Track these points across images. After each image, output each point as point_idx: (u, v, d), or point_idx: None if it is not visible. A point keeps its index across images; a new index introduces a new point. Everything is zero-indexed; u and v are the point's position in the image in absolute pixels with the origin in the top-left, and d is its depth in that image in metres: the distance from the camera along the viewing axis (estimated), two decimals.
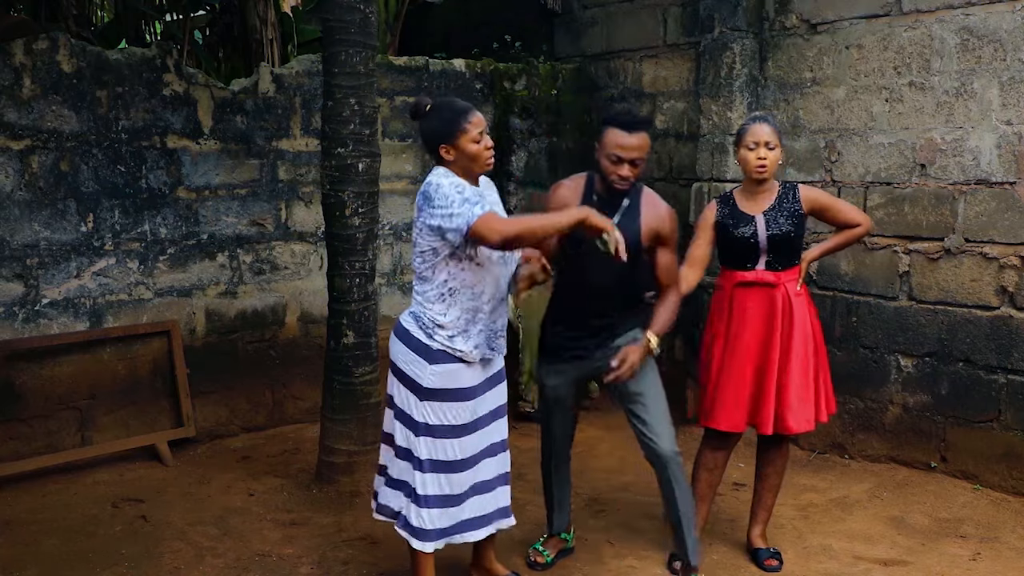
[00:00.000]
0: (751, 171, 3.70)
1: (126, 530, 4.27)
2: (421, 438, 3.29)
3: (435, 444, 3.29)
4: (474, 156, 3.23)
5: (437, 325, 3.27)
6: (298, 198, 5.75)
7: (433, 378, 3.26)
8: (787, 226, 3.68)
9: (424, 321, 3.29)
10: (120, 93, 5.07)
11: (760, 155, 3.66)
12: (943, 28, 4.75)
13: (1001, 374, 4.66)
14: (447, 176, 3.22)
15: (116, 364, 5.18)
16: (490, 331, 3.34)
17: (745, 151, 3.70)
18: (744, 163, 3.73)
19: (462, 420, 3.31)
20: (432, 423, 3.29)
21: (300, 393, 5.79)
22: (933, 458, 4.94)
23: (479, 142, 3.22)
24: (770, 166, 3.68)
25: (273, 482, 4.85)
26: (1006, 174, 4.57)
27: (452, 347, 3.26)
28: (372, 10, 4.60)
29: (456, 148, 3.22)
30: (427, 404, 3.28)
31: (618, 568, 3.87)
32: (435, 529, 3.32)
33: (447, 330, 3.26)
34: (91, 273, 5.06)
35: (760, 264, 3.71)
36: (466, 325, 3.27)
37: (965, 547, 4.10)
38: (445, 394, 3.28)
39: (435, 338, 3.27)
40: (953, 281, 4.81)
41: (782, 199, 3.73)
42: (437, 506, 3.31)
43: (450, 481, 3.31)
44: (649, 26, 6.31)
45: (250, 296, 5.64)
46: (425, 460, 3.29)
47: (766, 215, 3.70)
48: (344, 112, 4.54)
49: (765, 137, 3.66)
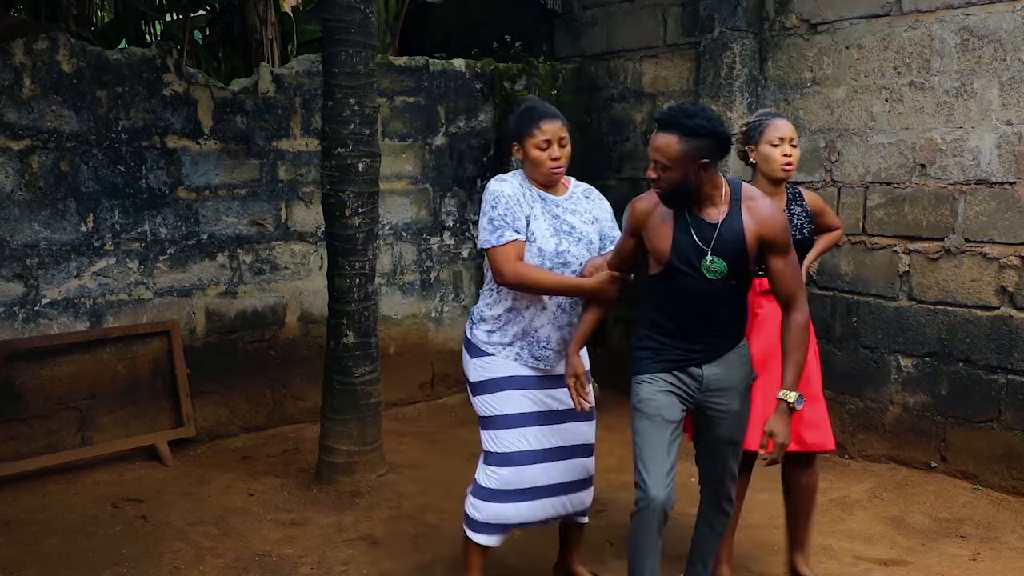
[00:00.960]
0: (776, 169, 3.42)
1: (126, 530, 4.27)
2: (485, 432, 3.34)
3: (490, 436, 3.31)
4: (535, 162, 3.24)
5: (482, 318, 3.35)
6: (298, 198, 5.75)
7: (476, 371, 3.33)
8: (807, 229, 3.51)
9: (474, 313, 3.40)
10: (120, 93, 5.07)
11: (786, 152, 3.42)
12: (943, 28, 4.75)
13: (1001, 374, 4.66)
14: (500, 182, 3.27)
15: (116, 364, 5.18)
16: (531, 338, 3.29)
17: (768, 148, 3.43)
18: (767, 161, 3.43)
19: (512, 410, 3.28)
20: (485, 415, 3.32)
21: (300, 393, 5.79)
22: (933, 458, 4.94)
23: (544, 150, 3.21)
24: (796, 164, 3.46)
25: (273, 482, 4.85)
26: (1006, 174, 4.57)
27: (487, 341, 3.31)
28: (372, 10, 4.60)
29: (523, 149, 3.26)
30: (479, 398, 3.34)
31: (618, 568, 3.86)
32: (484, 523, 3.30)
33: (488, 324, 3.33)
34: (91, 273, 5.05)
35: None
36: (505, 324, 3.30)
37: (965, 547, 4.09)
38: (490, 385, 3.30)
39: (476, 332, 3.34)
40: (953, 281, 4.81)
41: (792, 202, 3.54)
42: (490, 499, 3.29)
43: (503, 475, 3.28)
44: (649, 26, 6.31)
45: (250, 296, 5.64)
46: (487, 452, 3.33)
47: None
48: (344, 112, 4.54)
49: (790, 133, 3.44)
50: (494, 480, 3.28)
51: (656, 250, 2.99)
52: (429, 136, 6.23)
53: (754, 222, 2.93)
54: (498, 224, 3.17)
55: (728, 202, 2.96)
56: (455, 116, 6.33)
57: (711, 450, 3.17)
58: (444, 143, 6.29)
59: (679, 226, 2.94)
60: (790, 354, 2.99)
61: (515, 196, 3.22)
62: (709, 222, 2.93)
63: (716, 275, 2.91)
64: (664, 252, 2.96)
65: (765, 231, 2.93)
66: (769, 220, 2.94)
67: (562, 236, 3.25)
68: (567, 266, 3.24)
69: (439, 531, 4.17)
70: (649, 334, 3.10)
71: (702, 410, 3.09)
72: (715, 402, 3.06)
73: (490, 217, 3.19)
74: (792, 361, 2.98)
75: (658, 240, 2.97)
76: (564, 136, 3.23)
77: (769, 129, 3.44)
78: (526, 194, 3.26)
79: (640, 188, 6.40)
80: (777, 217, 2.97)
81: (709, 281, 2.92)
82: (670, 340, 3.04)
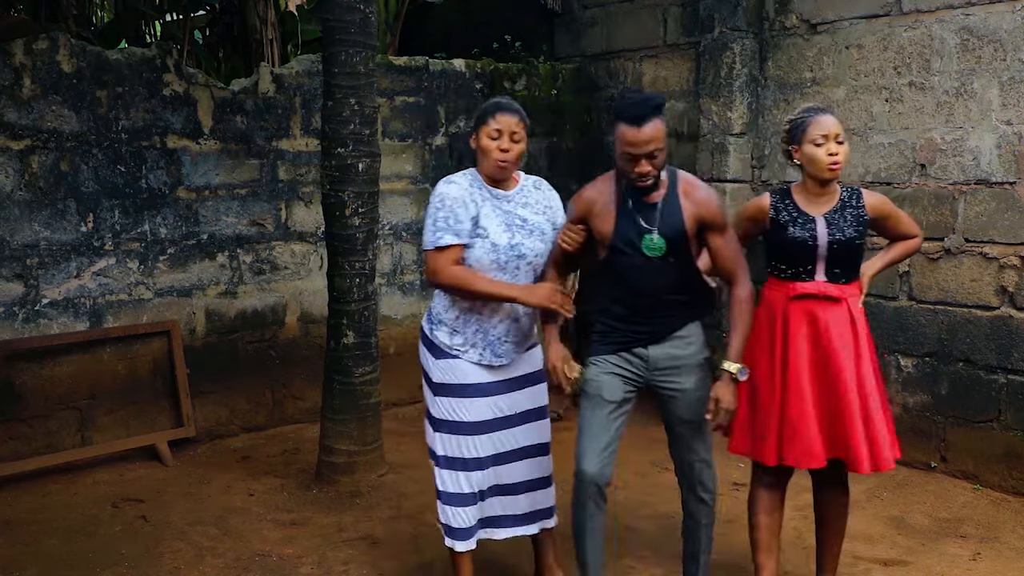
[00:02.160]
0: (822, 170, 3.20)
1: (126, 530, 4.27)
2: (437, 434, 3.35)
3: (449, 440, 3.32)
4: (484, 150, 3.23)
5: (440, 320, 3.34)
6: (298, 198, 5.75)
7: (439, 372, 3.33)
8: (851, 232, 3.22)
9: (432, 314, 3.39)
10: (120, 93, 5.07)
11: (831, 150, 3.19)
12: (943, 28, 4.75)
13: (1001, 374, 4.66)
14: (448, 184, 3.27)
15: (116, 364, 5.18)
16: (492, 336, 3.32)
17: (812, 147, 3.20)
18: (812, 161, 3.21)
19: (475, 417, 3.31)
20: (445, 419, 3.33)
21: (300, 393, 5.79)
22: (933, 458, 4.94)
23: (494, 139, 3.20)
24: (844, 162, 3.23)
25: (273, 482, 4.85)
26: (1006, 174, 4.57)
27: (450, 344, 3.32)
28: (372, 10, 4.60)
29: (477, 139, 3.26)
30: (440, 400, 3.33)
31: (616, 568, 3.86)
32: (460, 528, 3.35)
33: (447, 325, 3.33)
34: (91, 273, 5.05)
35: (819, 274, 3.24)
36: (463, 326, 3.30)
37: (965, 547, 4.09)
38: (453, 389, 3.31)
39: (436, 333, 3.34)
40: (953, 281, 4.80)
41: (846, 203, 3.27)
42: (458, 504, 3.33)
43: (469, 480, 3.32)
44: (649, 26, 6.31)
45: (250, 296, 5.64)
46: (441, 456, 3.34)
47: (828, 218, 3.23)
48: (344, 112, 4.54)
49: (835, 129, 3.19)
50: (455, 483, 3.32)
51: (601, 234, 3.15)
52: (429, 136, 6.22)
53: (692, 204, 3.11)
54: (440, 226, 3.18)
55: (666, 186, 3.13)
56: (455, 116, 6.33)
57: (673, 433, 3.27)
58: (444, 143, 6.29)
59: (622, 209, 3.12)
60: (735, 327, 3.15)
61: (461, 198, 3.21)
62: (649, 203, 3.11)
63: (656, 253, 3.09)
64: (608, 234, 3.13)
65: (702, 211, 3.11)
66: (706, 201, 3.13)
67: (514, 230, 3.27)
68: (522, 258, 3.27)
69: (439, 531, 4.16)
70: (599, 319, 3.24)
71: (655, 390, 3.23)
72: (665, 381, 3.19)
73: (434, 219, 3.20)
74: (737, 334, 3.14)
75: (603, 224, 3.14)
76: (517, 132, 3.21)
77: (812, 127, 3.21)
78: (474, 193, 3.25)
79: None
80: (713, 199, 3.17)
81: (650, 260, 3.09)
82: (617, 323, 3.19)
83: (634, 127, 2.98)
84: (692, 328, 3.21)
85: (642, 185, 3.06)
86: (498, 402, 3.35)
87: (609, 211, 3.14)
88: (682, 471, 3.31)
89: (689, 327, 3.20)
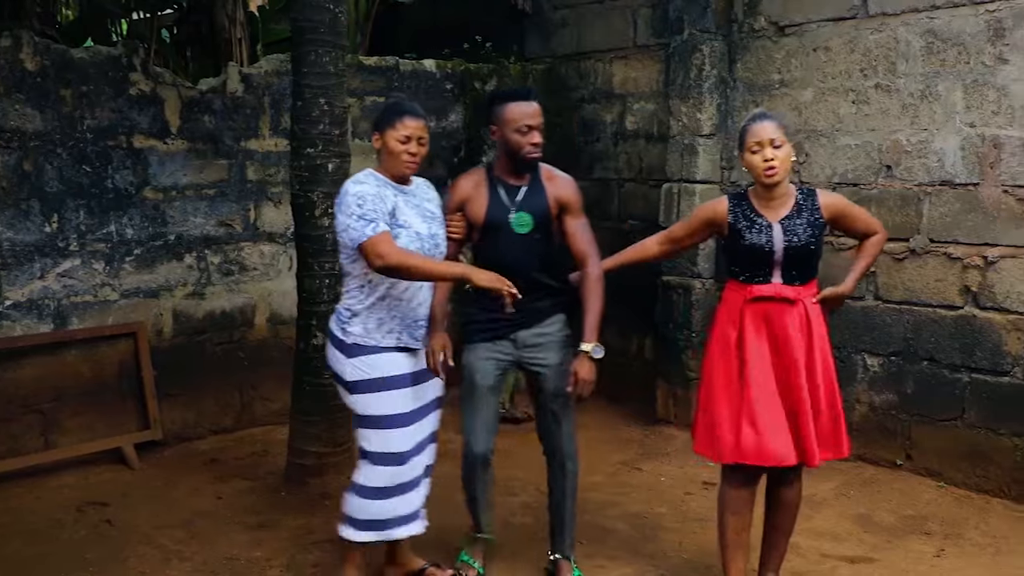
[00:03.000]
0: (760, 176, 3.28)
1: (91, 534, 4.21)
2: (359, 430, 3.41)
3: (370, 435, 3.38)
4: (392, 153, 3.33)
5: (353, 314, 3.36)
6: (267, 198, 5.71)
7: (352, 370, 3.35)
8: (807, 237, 3.28)
9: (342, 314, 3.40)
10: (85, 92, 5.01)
11: (766, 156, 3.24)
12: (908, 31, 4.81)
13: (964, 373, 4.72)
14: (358, 184, 3.31)
15: (81, 366, 5.11)
16: (410, 320, 3.38)
17: (749, 155, 3.28)
18: (751, 168, 3.30)
19: (393, 410, 3.35)
20: (364, 414, 3.37)
21: (269, 395, 5.75)
22: (899, 456, 5.00)
23: (403, 143, 3.31)
24: (780, 167, 3.25)
25: (241, 484, 4.82)
26: (970, 175, 4.64)
27: (367, 335, 3.34)
28: (342, 10, 4.58)
29: (383, 140, 3.34)
30: (357, 397, 3.37)
31: (588, 568, 3.87)
32: (371, 520, 3.41)
33: (361, 317, 3.34)
34: (56, 274, 4.99)
35: (775, 277, 3.31)
36: (381, 313, 3.34)
37: (929, 544, 4.15)
38: (370, 384, 3.34)
39: (349, 331, 3.36)
40: (918, 281, 4.86)
41: (801, 206, 3.33)
42: (372, 497, 3.39)
43: (387, 473, 3.38)
44: (619, 27, 6.33)
45: (218, 297, 5.59)
46: (372, 452, 3.38)
47: (783, 223, 3.29)
48: (314, 112, 4.51)
49: (769, 135, 3.25)
50: (382, 478, 3.37)
51: (475, 216, 3.53)
52: None
53: (554, 187, 3.57)
54: (370, 217, 3.21)
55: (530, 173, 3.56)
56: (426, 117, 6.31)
57: (545, 409, 3.62)
58: None
59: (492, 192, 3.54)
60: (588, 304, 3.49)
61: (377, 194, 3.28)
62: (516, 185, 3.54)
63: (524, 229, 3.49)
64: (481, 216, 3.51)
65: (563, 193, 3.56)
66: (566, 185, 3.60)
67: (429, 221, 3.41)
68: (437, 247, 3.40)
69: None
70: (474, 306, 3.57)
71: (525, 367, 3.63)
72: (532, 357, 3.58)
73: (359, 215, 3.22)
74: (591, 310, 3.48)
75: (478, 207, 3.53)
76: (424, 136, 3.37)
77: (748, 135, 3.31)
78: (384, 191, 3.32)
79: (612, 189, 6.43)
80: (572, 185, 3.63)
81: (519, 235, 3.49)
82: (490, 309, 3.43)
83: (525, 101, 3.46)
84: (555, 309, 3.60)
85: (533, 157, 3.48)
86: (412, 393, 3.41)
87: (482, 196, 3.53)
88: (551, 445, 3.66)
89: (553, 307, 3.59)
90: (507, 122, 3.46)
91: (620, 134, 6.39)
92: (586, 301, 3.50)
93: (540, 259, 3.53)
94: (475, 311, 3.59)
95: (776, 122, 3.31)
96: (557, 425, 3.62)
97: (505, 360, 3.59)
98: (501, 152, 3.56)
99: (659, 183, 5.90)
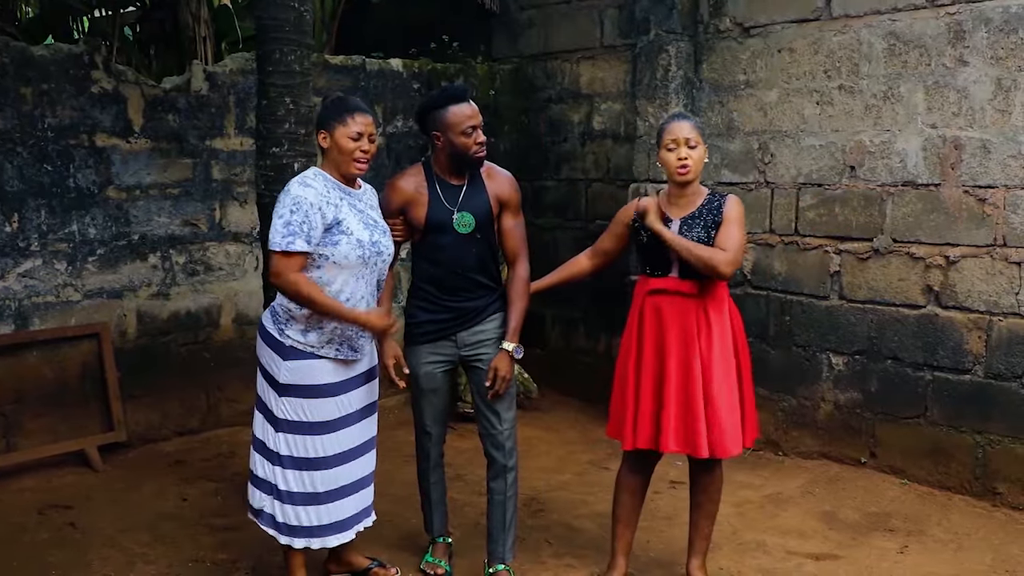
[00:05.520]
0: (673, 173, 3.37)
1: (54, 537, 4.16)
2: (280, 434, 3.33)
3: (296, 441, 3.31)
4: (343, 151, 3.25)
5: (292, 318, 3.27)
6: (232, 198, 5.67)
7: (287, 374, 3.28)
8: (701, 235, 3.36)
9: (279, 315, 3.31)
10: (46, 90, 4.93)
11: (681, 155, 3.33)
12: (871, 33, 4.86)
13: (927, 371, 4.79)
14: (304, 187, 3.21)
15: (43, 367, 5.04)
16: (348, 331, 3.30)
17: (664, 152, 3.38)
18: (665, 165, 3.40)
19: (323, 417, 3.31)
20: (292, 419, 3.31)
21: (235, 396, 5.70)
22: (863, 454, 5.06)
23: (355, 140, 3.23)
24: (693, 166, 3.34)
25: (207, 487, 4.77)
26: (931, 176, 4.70)
27: (305, 342, 3.27)
28: (308, 8, 4.54)
29: (331, 138, 3.25)
30: (285, 400, 3.30)
31: (556, 567, 3.88)
32: (301, 526, 3.36)
33: (300, 323, 3.26)
34: (16, 274, 4.91)
35: (673, 271, 3.41)
36: (320, 321, 3.25)
37: (893, 540, 4.20)
38: (302, 390, 3.28)
39: (287, 333, 3.28)
40: (882, 280, 4.92)
41: (705, 208, 3.41)
42: (302, 503, 3.34)
43: (313, 479, 3.33)
44: (586, 27, 6.35)
45: (183, 297, 5.54)
46: (285, 456, 3.33)
47: (683, 221, 3.40)
48: (279, 111, 4.47)
49: (685, 134, 3.33)
50: (305, 483, 3.32)
51: (417, 217, 3.52)
52: None
53: (495, 184, 3.57)
54: (293, 230, 3.13)
55: None
56: (392, 116, 6.30)
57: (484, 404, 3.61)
58: (382, 143, 6.24)
59: (433, 192, 3.52)
60: (514, 304, 3.56)
61: (318, 204, 3.18)
62: (457, 185, 3.53)
63: (466, 229, 3.49)
64: (423, 217, 3.50)
65: (503, 190, 3.57)
66: (507, 182, 3.60)
67: (371, 228, 3.33)
68: (380, 255, 3.33)
69: (376, 532, 4.13)
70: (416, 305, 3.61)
71: (465, 365, 3.63)
72: (472, 354, 3.58)
73: (286, 220, 3.14)
74: (515, 310, 3.56)
75: (419, 208, 3.51)
76: (374, 133, 3.30)
77: (665, 133, 3.39)
78: (331, 193, 3.25)
79: (579, 189, 6.45)
80: (512, 182, 3.63)
81: (460, 236, 3.49)
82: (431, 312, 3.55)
83: (465, 103, 3.42)
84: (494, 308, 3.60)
85: (481, 157, 3.48)
86: (343, 400, 3.36)
87: (423, 197, 3.51)
88: (491, 441, 3.64)
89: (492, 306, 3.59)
90: (450, 126, 3.42)
91: (587, 134, 6.41)
92: (511, 301, 3.58)
93: (480, 258, 3.55)
94: (415, 311, 3.62)
95: (693, 122, 3.41)
96: (499, 420, 3.61)
97: (448, 360, 3.62)
98: (444, 154, 3.50)
99: (626, 183, 5.92)
